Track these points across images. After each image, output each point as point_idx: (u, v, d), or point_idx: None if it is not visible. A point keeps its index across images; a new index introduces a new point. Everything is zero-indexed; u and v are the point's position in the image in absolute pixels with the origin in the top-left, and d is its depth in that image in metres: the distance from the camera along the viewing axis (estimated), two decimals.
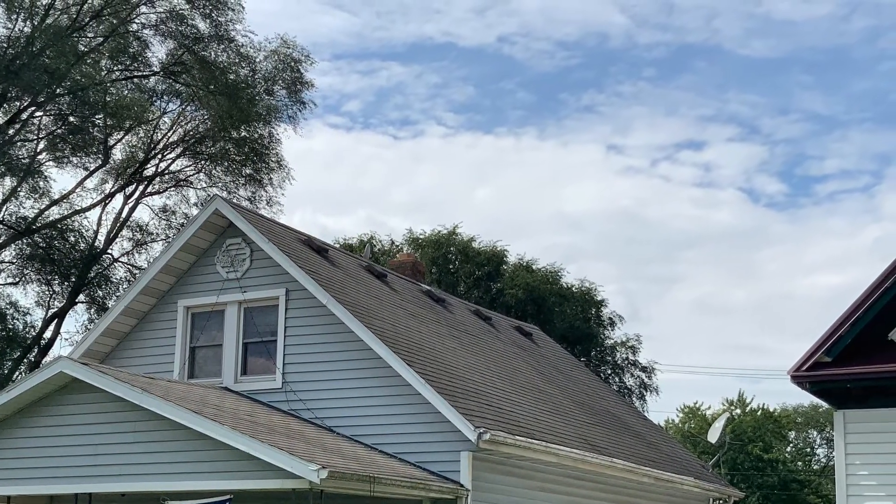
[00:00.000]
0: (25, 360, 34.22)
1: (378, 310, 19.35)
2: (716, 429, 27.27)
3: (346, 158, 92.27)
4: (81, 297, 34.91)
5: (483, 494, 17.06)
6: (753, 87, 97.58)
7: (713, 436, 27.39)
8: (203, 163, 35.54)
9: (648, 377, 45.98)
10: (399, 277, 23.92)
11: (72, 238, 34.90)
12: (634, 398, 45.01)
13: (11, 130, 31.73)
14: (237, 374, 19.01)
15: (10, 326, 34.60)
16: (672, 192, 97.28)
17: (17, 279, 34.73)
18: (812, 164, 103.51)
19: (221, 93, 32.37)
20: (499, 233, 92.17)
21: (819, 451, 69.07)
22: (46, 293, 35.03)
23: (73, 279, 34.28)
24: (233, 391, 18.64)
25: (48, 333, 34.64)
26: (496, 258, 44.79)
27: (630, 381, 45.64)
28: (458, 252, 44.79)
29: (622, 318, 45.94)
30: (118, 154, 34.97)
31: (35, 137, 33.27)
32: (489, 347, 23.25)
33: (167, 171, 35.70)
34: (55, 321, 34.60)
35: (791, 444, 67.62)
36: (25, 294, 36.68)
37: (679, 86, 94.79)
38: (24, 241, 34.19)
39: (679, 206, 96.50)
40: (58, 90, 31.29)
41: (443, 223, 51.53)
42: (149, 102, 34.48)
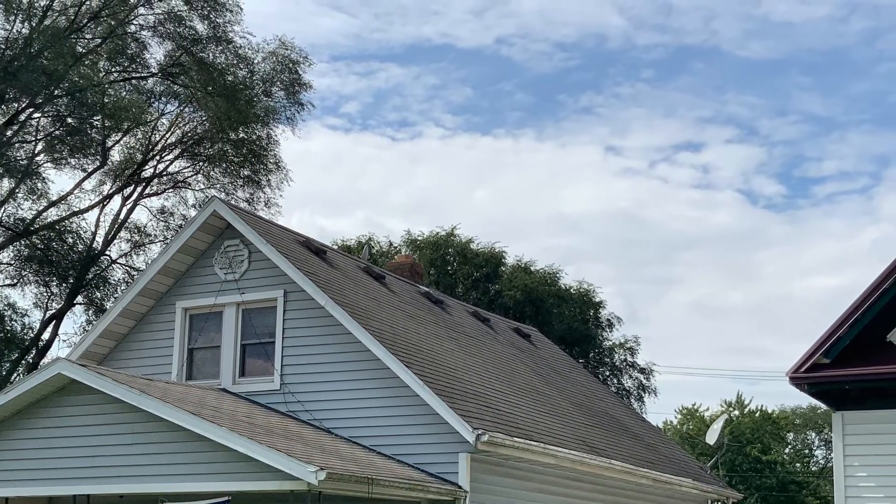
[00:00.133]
0: (23, 362, 34.19)
1: (376, 311, 19.35)
2: (714, 430, 27.30)
3: (345, 160, 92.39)
4: (79, 299, 34.90)
5: (481, 496, 17.05)
6: (752, 89, 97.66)
7: (711, 437, 27.42)
8: (201, 164, 35.51)
9: (647, 379, 46.03)
10: (397, 279, 23.91)
11: (70, 239, 34.88)
12: (633, 400, 45.02)
13: (10, 132, 31.69)
14: (235, 376, 18.99)
15: (9, 328, 34.58)
16: (670, 194, 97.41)
17: (16, 280, 34.71)
18: (810, 166, 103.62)
19: (219, 94, 32.36)
20: (497, 234, 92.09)
21: (817, 453, 69.17)
22: (44, 294, 35.03)
23: (72, 280, 34.25)
24: (231, 392, 18.63)
25: (46, 335, 34.63)
26: (494, 259, 44.77)
27: (628, 383, 45.70)
28: (457, 253, 44.77)
29: (620, 320, 46.10)
30: (116, 155, 34.99)
31: (33, 139, 33.25)
32: (487, 349, 23.24)
33: (165, 173, 35.69)
34: (53, 322, 34.59)
35: (789, 446, 67.65)
36: (23, 295, 36.62)
37: (677, 87, 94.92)
38: (23, 243, 34.16)
39: (677, 208, 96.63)
40: (56, 91, 31.25)
41: (441, 224, 51.69)
42: (147, 104, 34.46)
